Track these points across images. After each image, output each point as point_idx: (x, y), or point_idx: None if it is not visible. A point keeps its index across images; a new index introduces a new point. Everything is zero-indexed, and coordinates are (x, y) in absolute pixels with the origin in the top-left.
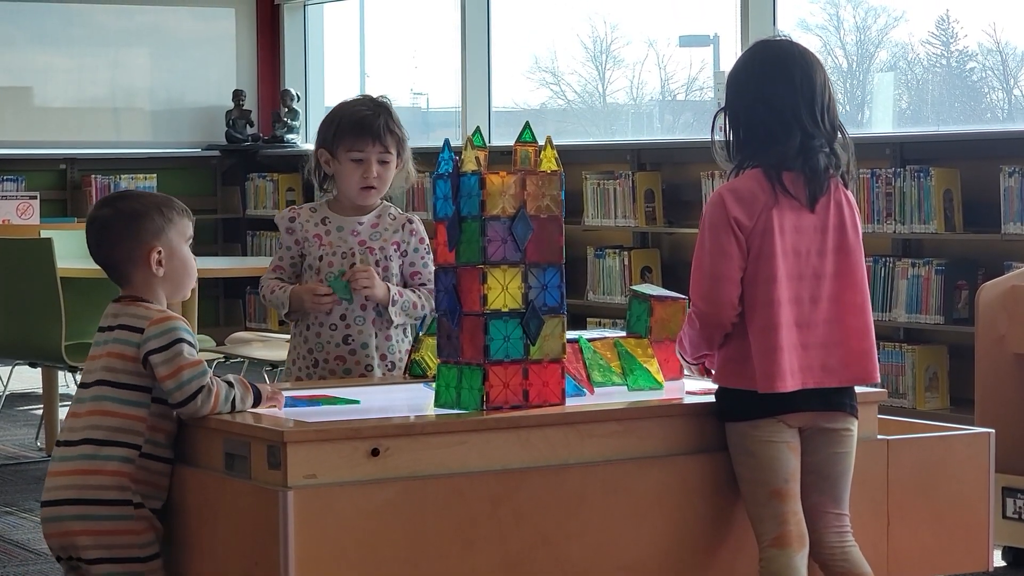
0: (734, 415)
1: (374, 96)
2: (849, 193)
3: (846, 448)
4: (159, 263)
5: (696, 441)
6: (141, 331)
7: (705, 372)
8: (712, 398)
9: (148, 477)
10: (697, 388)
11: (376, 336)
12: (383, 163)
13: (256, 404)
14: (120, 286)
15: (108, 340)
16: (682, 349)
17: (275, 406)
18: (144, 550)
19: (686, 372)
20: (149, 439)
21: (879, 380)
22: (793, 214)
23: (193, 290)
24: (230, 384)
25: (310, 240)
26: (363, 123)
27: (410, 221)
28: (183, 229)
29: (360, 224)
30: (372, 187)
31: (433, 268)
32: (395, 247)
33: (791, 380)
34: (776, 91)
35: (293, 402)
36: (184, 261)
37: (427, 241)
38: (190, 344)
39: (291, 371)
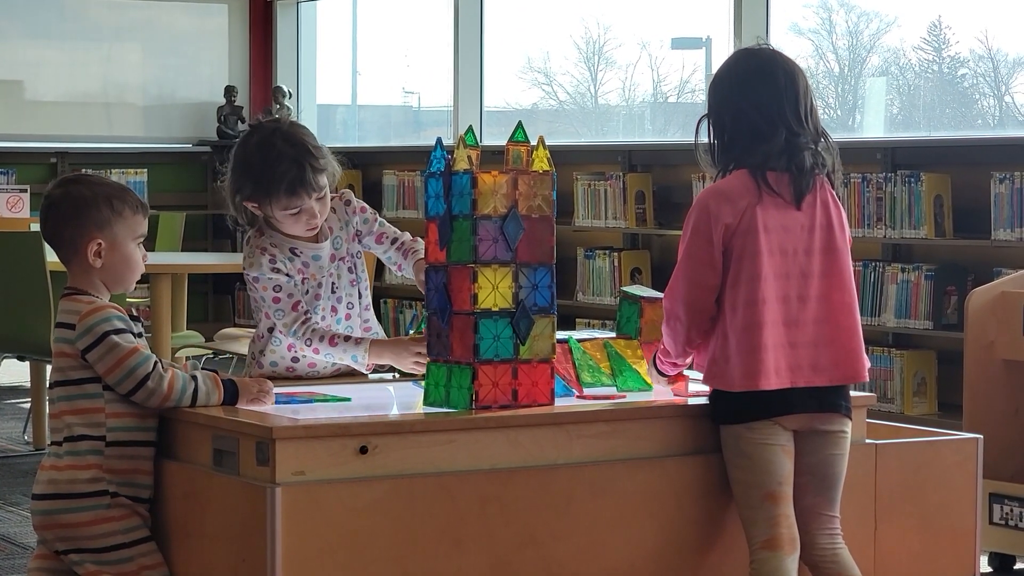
0: (729, 417)
1: (277, 126)
2: (834, 193)
3: (841, 450)
4: (97, 255)
5: (685, 443)
6: (73, 327)
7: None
8: (702, 400)
9: (125, 465)
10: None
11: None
12: (320, 199)
13: (233, 402)
14: (65, 267)
15: (54, 339)
16: (664, 355)
17: (263, 403)
18: (129, 535)
19: (657, 384)
20: (114, 427)
21: (868, 379)
22: (778, 212)
23: (182, 286)
24: (193, 378)
25: (294, 276)
26: (294, 184)
27: (346, 202)
28: (133, 225)
29: (328, 243)
30: (316, 226)
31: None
32: (354, 238)
33: (775, 378)
34: (761, 93)
35: (283, 399)
36: (126, 258)
37: (368, 207)
38: (122, 332)
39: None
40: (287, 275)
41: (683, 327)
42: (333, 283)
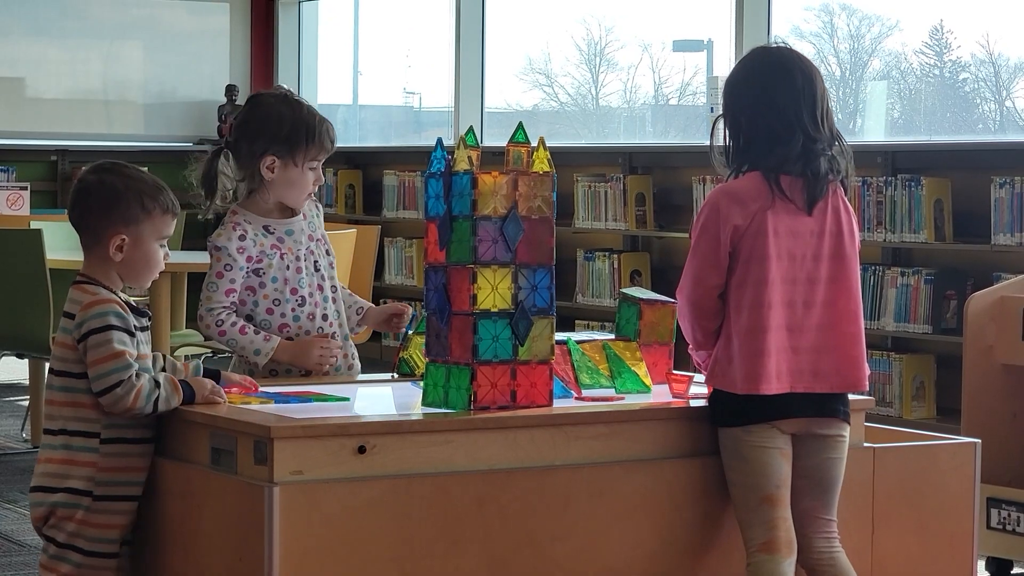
0: (727, 419)
1: (286, 92)
2: (846, 199)
3: (839, 454)
4: (119, 249)
5: (683, 445)
6: (75, 317)
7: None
8: (700, 402)
9: (118, 463)
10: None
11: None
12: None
13: (191, 402)
14: (83, 253)
15: (59, 328)
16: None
17: (215, 403)
18: (92, 544)
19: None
20: (109, 423)
21: (868, 388)
22: (789, 217)
23: (181, 284)
24: (157, 384)
25: (267, 253)
26: (328, 135)
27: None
28: (160, 226)
29: (302, 220)
30: (312, 192)
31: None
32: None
33: (776, 383)
34: (778, 94)
35: (282, 398)
36: (147, 257)
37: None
38: (117, 330)
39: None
40: (252, 269)
41: (687, 324)
42: (316, 261)
